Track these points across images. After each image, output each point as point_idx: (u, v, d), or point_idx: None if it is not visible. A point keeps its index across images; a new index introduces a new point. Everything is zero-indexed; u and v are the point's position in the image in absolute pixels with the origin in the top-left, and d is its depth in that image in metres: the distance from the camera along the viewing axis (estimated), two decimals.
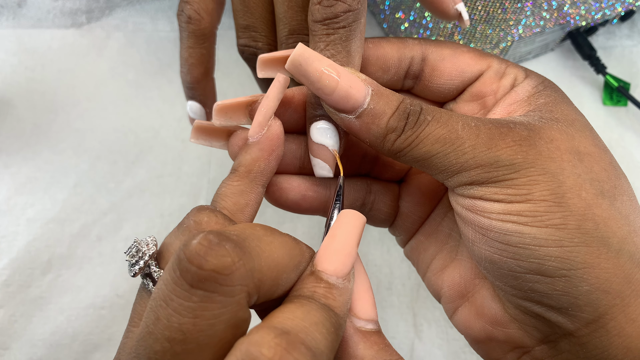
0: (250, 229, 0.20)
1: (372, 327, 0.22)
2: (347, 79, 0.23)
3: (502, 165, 0.22)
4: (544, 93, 0.25)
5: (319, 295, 0.20)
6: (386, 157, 0.29)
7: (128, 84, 0.57)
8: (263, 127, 0.24)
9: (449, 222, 0.28)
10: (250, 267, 0.18)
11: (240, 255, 0.18)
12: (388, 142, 0.23)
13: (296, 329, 0.18)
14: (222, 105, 0.25)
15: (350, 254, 0.21)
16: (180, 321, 0.17)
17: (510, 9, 0.46)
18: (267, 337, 0.17)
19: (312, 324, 0.18)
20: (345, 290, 0.21)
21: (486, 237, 0.23)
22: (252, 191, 0.24)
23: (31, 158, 0.52)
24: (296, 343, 0.17)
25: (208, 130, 0.27)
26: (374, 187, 0.29)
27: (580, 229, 0.21)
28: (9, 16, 0.60)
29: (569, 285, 0.21)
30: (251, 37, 0.31)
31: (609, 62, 0.57)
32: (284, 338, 0.17)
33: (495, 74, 0.26)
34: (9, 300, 0.45)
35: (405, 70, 0.27)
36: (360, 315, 0.22)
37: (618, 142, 0.54)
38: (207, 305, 0.17)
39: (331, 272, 0.21)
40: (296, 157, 0.27)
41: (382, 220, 0.30)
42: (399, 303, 0.46)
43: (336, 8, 0.23)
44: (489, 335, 0.26)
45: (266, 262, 0.19)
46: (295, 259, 0.21)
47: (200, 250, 0.17)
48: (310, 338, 0.17)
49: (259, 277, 0.18)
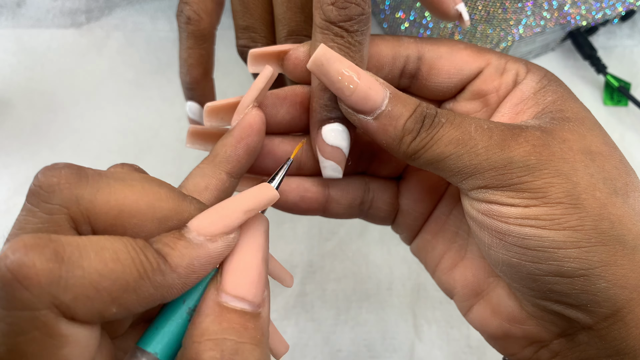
0: (121, 172, 0.20)
1: (241, 307, 0.19)
2: (366, 80, 0.23)
3: (516, 167, 0.22)
4: (550, 89, 0.25)
5: (158, 241, 0.19)
6: (383, 154, 0.29)
7: (128, 83, 0.57)
8: (239, 115, 0.24)
9: (454, 221, 0.28)
10: (77, 193, 0.18)
11: (70, 179, 0.18)
12: (404, 144, 0.23)
13: (71, 242, 0.17)
14: (212, 106, 0.25)
15: (227, 216, 0.20)
16: (10, 232, 0.18)
17: (511, 8, 0.46)
18: (27, 237, 0.16)
19: (97, 246, 0.17)
20: (198, 247, 0.19)
21: (504, 241, 0.23)
22: (214, 175, 0.24)
23: (30, 158, 0.52)
24: (44, 247, 0.16)
25: (203, 135, 0.27)
26: (372, 184, 0.29)
27: (596, 229, 0.21)
28: (8, 16, 0.60)
29: (587, 284, 0.21)
30: (250, 37, 0.31)
31: (609, 62, 0.57)
32: (39, 240, 0.16)
33: (495, 71, 0.26)
34: None
35: (400, 68, 0.26)
36: (228, 289, 0.19)
37: (619, 142, 0.54)
38: (29, 219, 0.18)
39: (193, 227, 0.19)
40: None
41: (383, 218, 0.30)
42: (399, 303, 0.46)
43: (351, 10, 0.23)
44: (506, 332, 0.26)
45: (105, 196, 0.18)
46: (159, 212, 0.19)
47: (42, 169, 0.19)
48: (77, 252, 0.16)
49: (88, 207, 0.18)
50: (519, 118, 0.25)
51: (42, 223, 0.18)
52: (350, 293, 0.47)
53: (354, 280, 0.47)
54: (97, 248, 0.17)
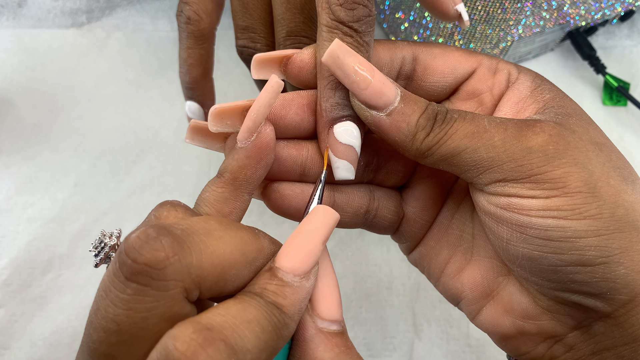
0: (201, 223, 0.20)
1: (335, 328, 0.21)
2: (379, 76, 0.23)
3: (535, 157, 0.22)
4: (545, 87, 0.25)
5: (268, 292, 0.19)
6: (389, 164, 0.28)
7: (128, 83, 0.57)
8: (252, 133, 0.23)
9: (458, 224, 0.28)
10: (187, 263, 0.18)
11: (177, 250, 0.18)
12: (417, 140, 0.23)
13: (223, 325, 0.17)
14: (219, 109, 0.24)
15: (312, 252, 0.21)
16: (115, 312, 0.17)
17: (510, 9, 0.46)
18: (185, 332, 0.17)
19: (244, 322, 0.18)
20: (300, 289, 0.20)
21: (525, 234, 0.23)
22: (237, 199, 0.24)
23: (31, 158, 0.52)
24: (215, 340, 0.16)
25: (204, 131, 0.26)
26: (377, 193, 0.29)
27: (613, 216, 0.22)
28: (10, 16, 0.61)
29: (607, 271, 0.22)
30: (250, 38, 0.31)
31: (608, 62, 0.57)
32: (202, 333, 0.17)
33: (488, 70, 0.26)
34: (9, 299, 0.45)
35: (397, 70, 0.26)
36: (324, 315, 0.21)
37: (618, 142, 0.54)
38: (140, 299, 0.17)
39: (288, 269, 0.20)
40: (297, 163, 0.26)
41: (386, 227, 0.30)
42: (399, 303, 0.46)
43: (358, 12, 0.23)
44: (519, 330, 0.26)
45: (209, 258, 0.19)
46: (250, 255, 0.20)
47: (137, 243, 0.17)
48: (236, 336, 0.17)
49: (198, 273, 0.18)
50: (521, 115, 0.25)
51: (157, 301, 0.17)
52: (350, 292, 0.47)
53: (353, 279, 0.47)
54: (248, 326, 0.18)
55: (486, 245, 0.27)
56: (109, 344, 0.17)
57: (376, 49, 0.26)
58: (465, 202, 0.28)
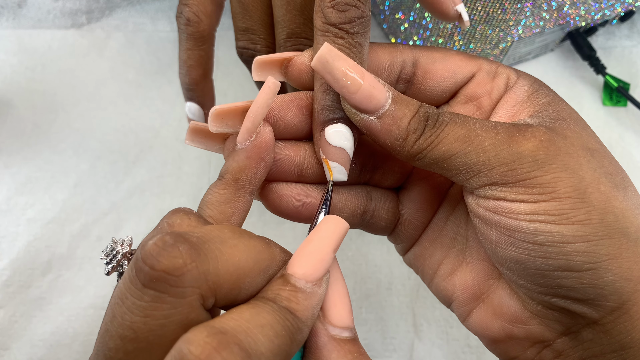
0: (216, 231, 0.20)
1: (347, 335, 0.22)
2: (370, 79, 0.23)
3: (525, 162, 0.22)
4: (542, 92, 0.25)
5: (281, 298, 0.20)
6: (385, 165, 0.29)
7: (128, 84, 0.57)
8: (251, 134, 0.23)
9: (452, 226, 0.28)
10: (204, 270, 0.18)
11: (194, 257, 0.18)
12: (408, 143, 0.23)
13: (236, 329, 0.17)
14: (219, 110, 0.24)
15: (324, 259, 0.21)
16: (132, 319, 0.17)
17: (510, 9, 0.46)
18: (200, 335, 0.17)
19: (258, 326, 0.18)
20: (313, 295, 0.20)
21: (513, 238, 0.23)
22: (239, 200, 0.24)
23: (31, 158, 0.52)
24: (229, 343, 0.17)
25: (204, 133, 0.26)
26: (374, 194, 0.29)
27: (602, 222, 0.22)
28: (9, 17, 0.61)
29: (595, 277, 0.22)
30: (250, 39, 0.31)
31: (608, 63, 0.57)
32: (217, 337, 0.17)
33: (487, 75, 0.27)
34: (9, 300, 0.45)
35: (397, 74, 0.27)
36: (335, 322, 0.22)
37: (618, 142, 0.54)
38: (157, 305, 0.17)
39: (300, 275, 0.20)
40: (294, 164, 0.27)
41: (383, 228, 0.30)
42: (399, 303, 0.46)
43: (350, 13, 0.23)
44: (508, 334, 0.26)
45: (224, 265, 0.19)
46: (263, 263, 0.20)
47: (154, 250, 0.17)
48: (250, 339, 0.17)
49: (215, 280, 0.18)
50: (516, 119, 0.25)
51: (174, 308, 0.17)
52: (350, 293, 0.47)
53: (353, 280, 0.47)
54: (261, 330, 0.18)
55: (479, 248, 0.27)
56: (125, 351, 0.17)
57: (377, 52, 0.26)
58: (461, 205, 0.28)
